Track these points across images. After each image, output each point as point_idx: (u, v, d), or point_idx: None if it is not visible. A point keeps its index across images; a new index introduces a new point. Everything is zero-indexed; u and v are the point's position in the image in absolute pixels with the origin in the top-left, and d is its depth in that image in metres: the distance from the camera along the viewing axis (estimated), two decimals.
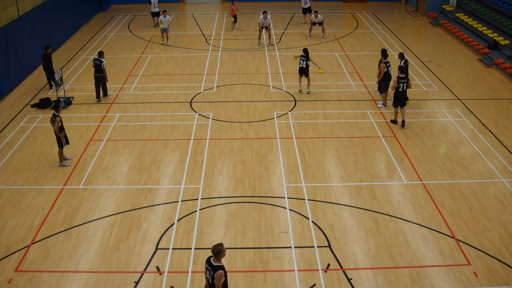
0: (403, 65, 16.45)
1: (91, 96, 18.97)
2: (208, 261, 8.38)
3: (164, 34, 25.31)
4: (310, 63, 18.61)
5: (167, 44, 25.20)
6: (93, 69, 18.48)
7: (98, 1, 32.16)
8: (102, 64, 18.23)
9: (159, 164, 14.37)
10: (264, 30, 24.93)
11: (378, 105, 17.81)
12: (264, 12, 24.57)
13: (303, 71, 18.74)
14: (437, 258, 10.71)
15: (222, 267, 8.23)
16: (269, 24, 25.24)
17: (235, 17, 27.86)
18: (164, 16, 25.03)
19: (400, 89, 16.02)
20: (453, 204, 12.53)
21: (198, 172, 13.95)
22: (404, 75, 16.06)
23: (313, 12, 26.16)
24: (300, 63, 18.65)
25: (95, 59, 18.41)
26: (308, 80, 18.91)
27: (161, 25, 25.05)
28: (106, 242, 11.27)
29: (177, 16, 31.61)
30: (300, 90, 19.05)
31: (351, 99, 18.57)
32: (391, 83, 16.39)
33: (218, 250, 8.22)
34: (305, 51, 18.72)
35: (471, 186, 13.28)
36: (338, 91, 19.25)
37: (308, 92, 18.93)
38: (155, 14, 27.99)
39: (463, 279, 10.13)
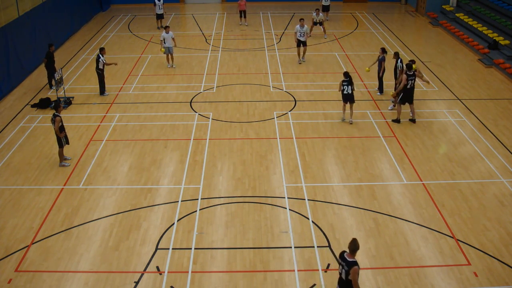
0: (410, 63, 16.49)
1: (91, 96, 18.98)
2: (342, 257, 8.51)
3: (169, 55, 21.47)
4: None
5: (173, 66, 21.72)
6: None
7: (98, 1, 32.15)
8: (99, 60, 18.74)
9: (159, 164, 14.36)
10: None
11: (389, 108, 17.62)
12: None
13: (349, 98, 16.25)
14: (437, 258, 10.71)
15: (356, 263, 8.35)
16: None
17: (244, 12, 27.97)
18: (167, 32, 20.98)
19: (409, 86, 16.20)
20: (453, 204, 12.53)
21: (198, 172, 13.95)
22: (412, 72, 16.26)
23: (315, 11, 26.02)
24: (344, 89, 16.19)
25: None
26: (352, 107, 16.50)
27: (163, 47, 21.01)
28: (106, 242, 11.26)
29: (177, 16, 31.59)
30: (344, 119, 16.65)
31: None
32: (401, 80, 16.35)
33: (357, 247, 8.39)
34: (347, 75, 16.35)
35: (471, 186, 13.28)
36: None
37: (351, 122, 16.57)
38: (160, 16, 27.38)
39: (463, 279, 10.13)
